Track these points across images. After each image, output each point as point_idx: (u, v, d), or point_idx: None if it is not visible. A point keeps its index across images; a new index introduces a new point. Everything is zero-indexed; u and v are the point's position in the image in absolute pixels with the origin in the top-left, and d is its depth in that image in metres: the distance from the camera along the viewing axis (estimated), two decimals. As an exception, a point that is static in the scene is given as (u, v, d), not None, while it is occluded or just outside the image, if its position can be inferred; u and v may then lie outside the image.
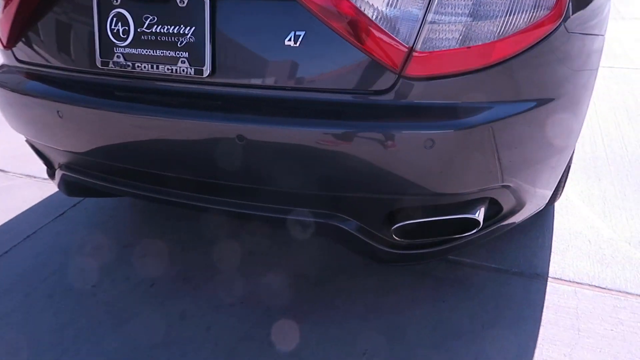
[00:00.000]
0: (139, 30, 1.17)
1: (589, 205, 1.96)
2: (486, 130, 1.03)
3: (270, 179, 1.13)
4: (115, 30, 1.19)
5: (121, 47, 1.20)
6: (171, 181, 1.28)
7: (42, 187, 2.29)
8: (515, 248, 1.74)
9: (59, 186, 1.61)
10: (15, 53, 1.42)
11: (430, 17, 0.98)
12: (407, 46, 0.99)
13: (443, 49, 0.99)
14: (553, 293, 1.54)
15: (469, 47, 1.00)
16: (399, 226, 1.16)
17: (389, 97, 1.04)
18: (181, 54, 1.13)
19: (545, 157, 1.26)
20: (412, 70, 1.01)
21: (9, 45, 1.41)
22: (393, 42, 0.99)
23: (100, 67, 1.23)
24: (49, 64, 1.33)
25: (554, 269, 1.64)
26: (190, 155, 1.16)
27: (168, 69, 1.16)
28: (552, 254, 1.71)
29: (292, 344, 1.41)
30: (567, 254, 1.71)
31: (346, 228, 1.19)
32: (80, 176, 1.45)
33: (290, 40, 1.04)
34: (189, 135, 1.13)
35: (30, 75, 1.37)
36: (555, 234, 1.81)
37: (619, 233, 1.80)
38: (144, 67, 1.18)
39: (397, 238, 1.19)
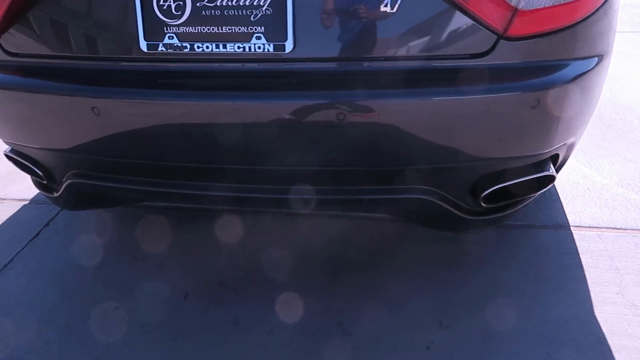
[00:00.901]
0: (198, 4, 1.01)
1: (573, 157, 2.12)
2: (577, 86, 1.06)
3: (363, 158, 1.06)
4: (165, 6, 1.03)
5: (174, 25, 1.03)
6: (234, 175, 1.15)
7: (-1, 208, 1.96)
8: (529, 205, 1.83)
9: (63, 199, 1.38)
10: (9, 43, 1.17)
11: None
12: (512, 5, 0.97)
13: (543, 7, 0.99)
14: (580, 240, 1.65)
15: (564, 4, 1.00)
16: (490, 192, 1.15)
17: (488, 59, 1.02)
18: (256, 29, 1.01)
19: (593, 110, 1.32)
20: (514, 30, 0.99)
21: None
22: (500, 1, 0.97)
23: (146, 51, 1.06)
24: (69, 53, 1.11)
25: (571, 218, 1.75)
26: (268, 143, 1.04)
27: (239, 48, 1.02)
28: (564, 205, 1.83)
29: (363, 329, 1.35)
30: (575, 203, 1.83)
31: (437, 201, 1.15)
32: (104, 182, 1.25)
33: (386, 5, 0.97)
34: (266, 120, 1.02)
35: (41, 70, 1.14)
36: (557, 188, 1.93)
37: (609, 178, 1.97)
38: (206, 47, 1.03)
39: (484, 204, 1.18)
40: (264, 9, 0.99)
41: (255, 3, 0.99)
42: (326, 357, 1.28)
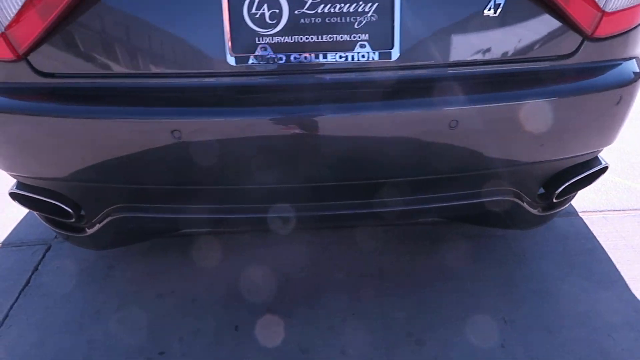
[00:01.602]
0: (296, 12, 0.93)
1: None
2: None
3: (467, 164, 1.05)
4: (258, 15, 0.93)
5: (268, 36, 0.94)
6: (319, 192, 1.08)
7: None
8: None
9: (96, 238, 1.21)
10: (44, 61, 0.99)
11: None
12: (600, 7, 1.01)
13: (625, 7, 1.04)
14: (591, 224, 1.77)
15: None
16: (564, 187, 1.19)
17: (574, 60, 1.05)
18: (360, 36, 0.95)
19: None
20: (600, 30, 1.04)
21: (27, 51, 0.98)
22: (590, 4, 1.00)
23: (233, 65, 0.95)
24: (134, 71, 0.96)
25: (575, 204, 1.87)
26: (377, 155, 0.99)
27: (341, 57, 0.95)
28: (563, 193, 1.95)
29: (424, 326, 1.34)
30: (572, 190, 1.97)
31: (516, 200, 1.17)
32: (162, 214, 1.11)
33: (490, 9, 0.96)
34: (374, 131, 0.97)
35: (92, 91, 0.98)
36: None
37: (591, 165, 2.14)
38: (304, 58, 0.95)
39: (555, 200, 1.22)
40: (369, 15, 0.94)
41: (360, 10, 0.93)
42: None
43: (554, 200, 1.22)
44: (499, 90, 1.00)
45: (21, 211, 1.89)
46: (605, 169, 1.27)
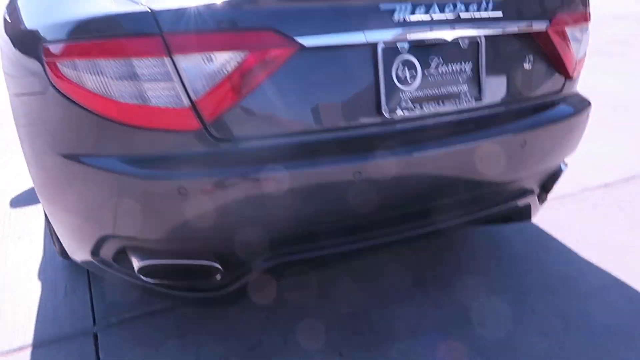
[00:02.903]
0: (425, 72, 1.25)
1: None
2: None
3: (523, 171, 1.47)
4: (402, 77, 1.22)
5: (408, 91, 1.23)
6: (443, 207, 1.38)
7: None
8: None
9: (238, 291, 1.29)
10: (222, 128, 1.12)
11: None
12: (575, 58, 1.56)
13: (581, 58, 1.61)
14: (581, 201, 2.34)
15: None
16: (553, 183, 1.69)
17: (561, 93, 1.58)
18: (462, 88, 1.31)
19: None
20: (573, 73, 1.58)
21: (211, 121, 1.10)
22: (572, 57, 1.54)
23: (387, 116, 1.21)
24: (310, 128, 1.15)
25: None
26: (474, 169, 1.34)
27: (452, 103, 1.30)
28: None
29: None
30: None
31: (535, 197, 1.63)
32: (318, 251, 1.27)
33: (528, 63, 1.43)
34: (476, 153, 1.32)
35: (269, 150, 1.14)
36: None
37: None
38: (430, 106, 1.27)
39: (547, 194, 1.72)
40: (467, 73, 1.31)
41: (461, 69, 1.30)
42: None
43: (546, 195, 1.72)
44: (541, 115, 1.46)
45: (17, 309, 1.70)
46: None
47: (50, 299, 1.75)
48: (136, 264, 1.25)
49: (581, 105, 1.60)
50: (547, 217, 2.28)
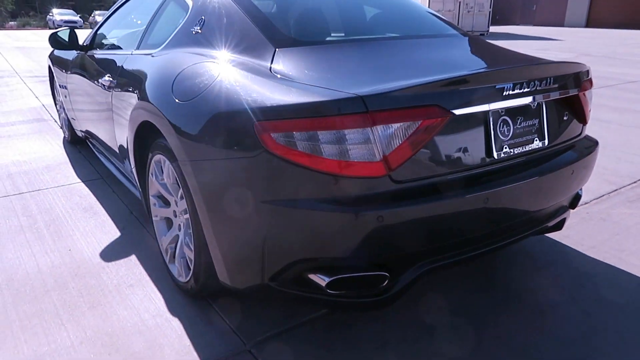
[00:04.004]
0: (514, 126, 1.79)
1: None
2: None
3: (567, 193, 2.04)
4: (502, 131, 1.75)
5: (506, 141, 1.77)
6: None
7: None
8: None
9: (396, 294, 1.71)
10: (399, 174, 1.58)
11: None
12: (589, 109, 2.19)
13: (590, 109, 2.25)
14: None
15: None
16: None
17: (581, 136, 2.20)
18: (534, 137, 1.87)
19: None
20: (587, 121, 2.21)
21: (394, 169, 1.57)
22: (588, 109, 2.17)
23: (496, 158, 1.73)
24: (451, 171, 1.65)
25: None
26: (540, 193, 1.89)
27: (528, 147, 1.85)
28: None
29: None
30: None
31: (568, 210, 2.22)
32: (450, 259, 1.74)
33: (566, 116, 2.03)
34: (544, 180, 1.87)
35: (428, 187, 1.62)
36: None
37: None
38: (517, 150, 1.81)
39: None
40: (536, 126, 1.88)
41: (533, 123, 1.87)
42: None
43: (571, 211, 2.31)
44: (578, 151, 2.05)
45: (166, 349, 1.98)
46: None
47: (194, 332, 2.04)
48: (323, 280, 1.65)
49: (594, 142, 2.22)
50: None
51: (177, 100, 1.90)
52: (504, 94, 1.72)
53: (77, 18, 35.64)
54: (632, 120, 5.52)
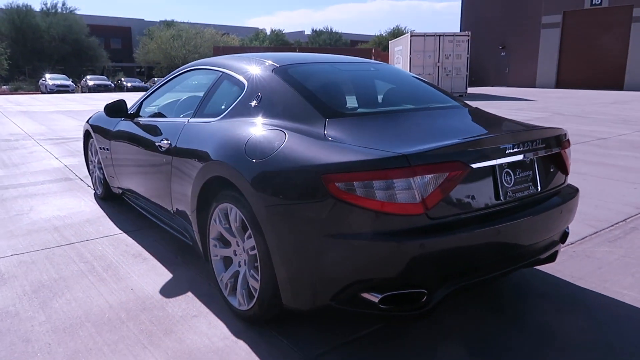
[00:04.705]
0: (515, 176, 2.34)
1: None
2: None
3: (559, 228, 2.57)
4: (506, 180, 2.29)
5: (509, 187, 2.30)
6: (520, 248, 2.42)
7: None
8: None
9: (432, 307, 2.17)
10: (435, 211, 2.09)
11: None
12: (569, 162, 2.76)
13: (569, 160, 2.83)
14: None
15: None
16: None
17: (564, 184, 2.76)
18: (530, 184, 2.41)
19: None
20: (568, 172, 2.78)
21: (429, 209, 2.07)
22: (568, 163, 2.74)
23: (503, 200, 2.26)
24: (470, 210, 2.16)
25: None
26: (537, 229, 2.40)
27: (526, 192, 2.39)
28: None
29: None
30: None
31: (560, 243, 2.74)
32: (470, 280, 2.22)
33: (553, 169, 2.59)
34: (540, 217, 2.40)
35: (459, 223, 2.12)
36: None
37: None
38: (518, 194, 2.34)
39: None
40: (531, 176, 2.43)
41: (529, 174, 2.42)
42: None
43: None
44: (564, 195, 2.59)
45: None
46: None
47: (259, 350, 2.43)
48: (376, 297, 2.10)
49: (576, 189, 2.78)
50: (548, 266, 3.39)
51: (251, 160, 2.41)
52: (507, 152, 2.28)
53: (69, 82, 36.26)
54: (605, 173, 6.19)
